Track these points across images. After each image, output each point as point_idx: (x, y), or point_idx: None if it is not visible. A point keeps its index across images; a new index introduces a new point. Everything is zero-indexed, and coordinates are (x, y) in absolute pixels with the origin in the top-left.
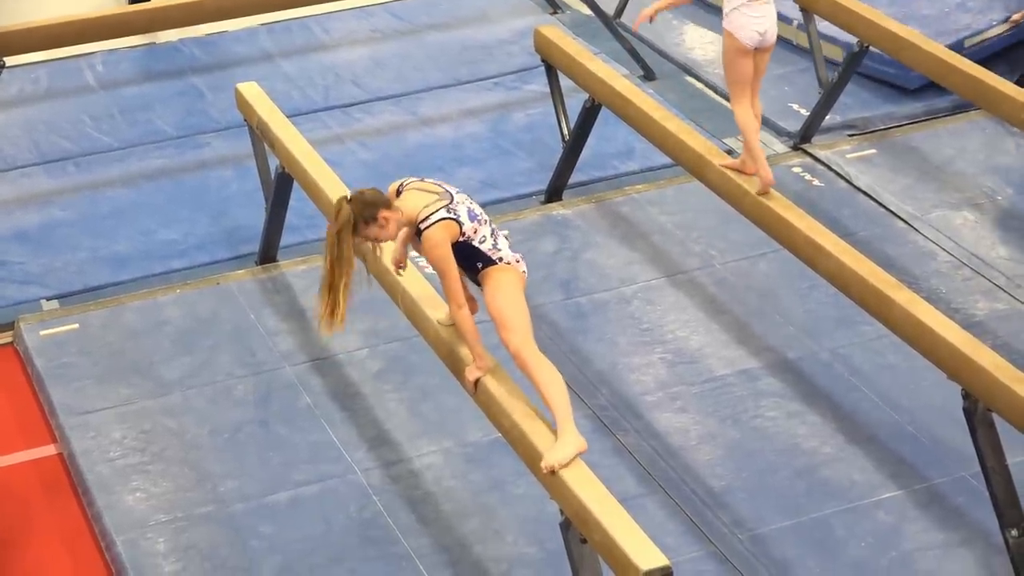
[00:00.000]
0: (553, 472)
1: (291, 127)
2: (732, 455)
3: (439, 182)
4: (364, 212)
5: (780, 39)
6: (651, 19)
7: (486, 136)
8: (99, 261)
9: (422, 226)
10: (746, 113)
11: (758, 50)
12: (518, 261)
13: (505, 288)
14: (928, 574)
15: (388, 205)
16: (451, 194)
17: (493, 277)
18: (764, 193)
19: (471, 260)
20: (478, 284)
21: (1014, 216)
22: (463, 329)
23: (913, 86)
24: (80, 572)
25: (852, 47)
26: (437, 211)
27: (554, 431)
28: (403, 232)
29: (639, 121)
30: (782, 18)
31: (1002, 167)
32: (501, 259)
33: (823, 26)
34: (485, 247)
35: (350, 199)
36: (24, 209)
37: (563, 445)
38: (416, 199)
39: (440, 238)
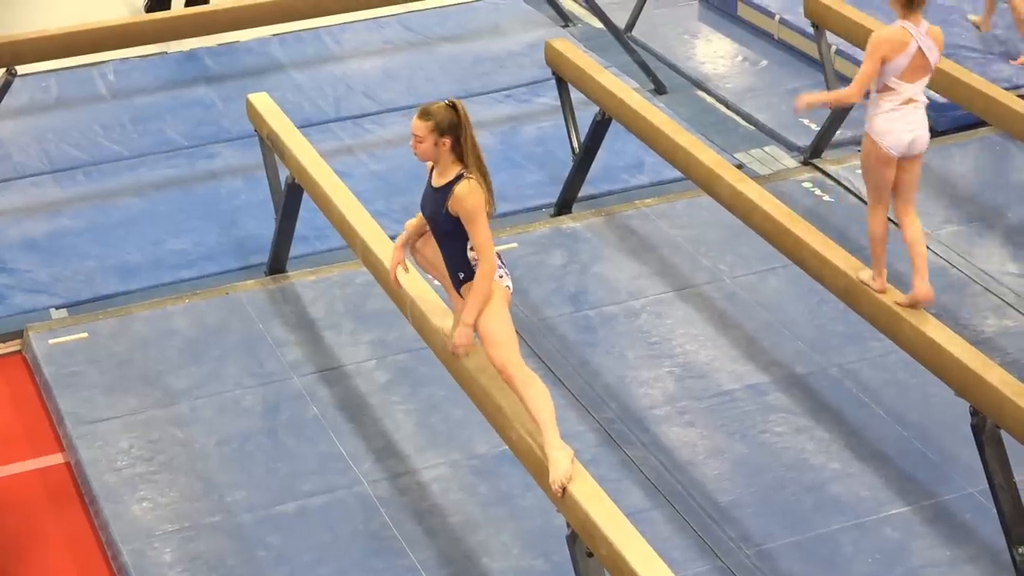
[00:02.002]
0: (564, 490)
1: (302, 138)
2: (739, 470)
3: None
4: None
5: (798, 52)
6: (811, 106)
7: (497, 148)
8: (108, 270)
9: (464, 174)
10: (878, 222)
11: (906, 158)
12: (501, 277)
13: (490, 304)
14: None
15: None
16: None
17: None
18: (914, 306)
19: (458, 268)
20: (460, 295)
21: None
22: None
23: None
24: None
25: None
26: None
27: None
28: (402, 235)
29: (649, 135)
30: (795, 29)
31: (1012, 184)
32: None
33: (834, 40)
34: (473, 256)
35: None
36: (34, 218)
37: (557, 460)
38: None
39: (477, 190)
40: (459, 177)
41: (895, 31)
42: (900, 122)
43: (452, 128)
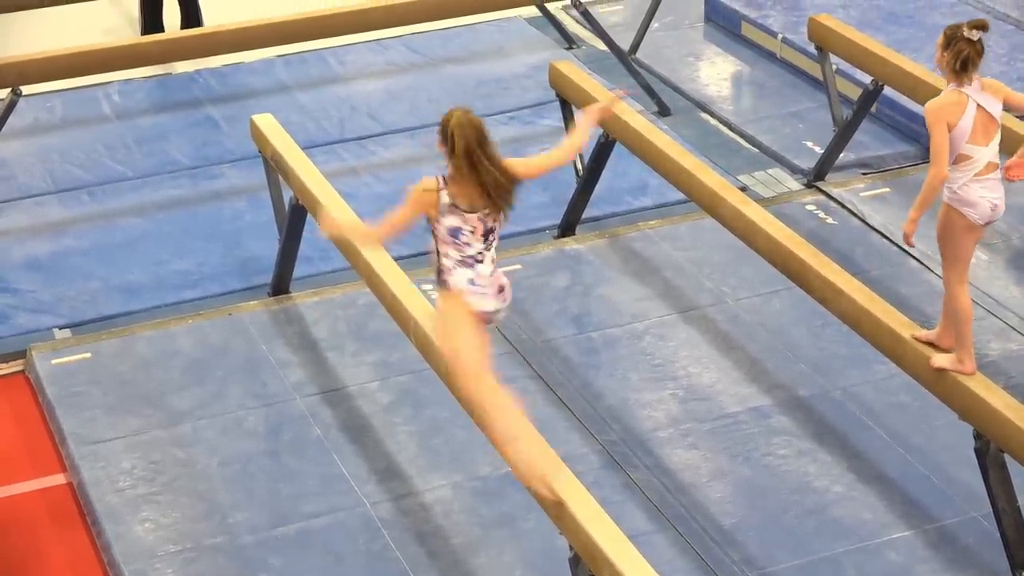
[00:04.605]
0: (551, 492)
1: (305, 159)
2: (743, 493)
3: None
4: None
5: (801, 73)
6: (915, 229)
7: None
8: (112, 290)
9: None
10: (965, 297)
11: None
12: (472, 290)
13: (445, 316)
14: None
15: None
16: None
17: (437, 303)
18: (945, 368)
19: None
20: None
21: None
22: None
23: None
24: None
25: (867, 85)
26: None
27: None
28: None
29: (653, 157)
30: (798, 49)
31: (1016, 207)
32: (446, 283)
33: (839, 63)
34: (446, 261)
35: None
36: (37, 238)
37: (523, 466)
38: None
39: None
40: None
41: (948, 95)
42: (984, 191)
43: (445, 132)
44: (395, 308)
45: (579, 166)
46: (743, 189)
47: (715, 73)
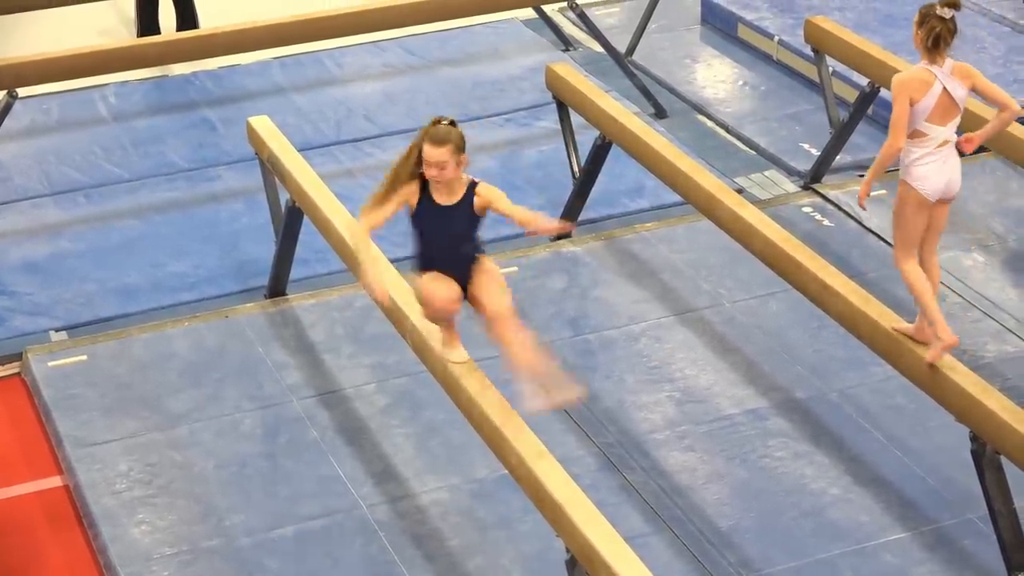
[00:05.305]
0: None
1: (302, 161)
2: (739, 495)
3: None
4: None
5: (798, 75)
6: (869, 191)
7: (497, 172)
8: (108, 293)
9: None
10: (915, 271)
11: (939, 201)
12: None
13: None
14: None
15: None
16: None
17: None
18: (937, 357)
19: (473, 253)
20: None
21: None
22: None
23: None
24: None
25: (863, 88)
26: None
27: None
28: (370, 248)
29: (650, 159)
30: (794, 51)
31: (1012, 209)
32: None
33: (835, 65)
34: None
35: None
36: (34, 240)
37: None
38: None
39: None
40: (472, 184)
41: (917, 71)
42: (935, 166)
43: (464, 142)
44: (392, 310)
45: (575, 168)
46: (739, 191)
47: (712, 75)
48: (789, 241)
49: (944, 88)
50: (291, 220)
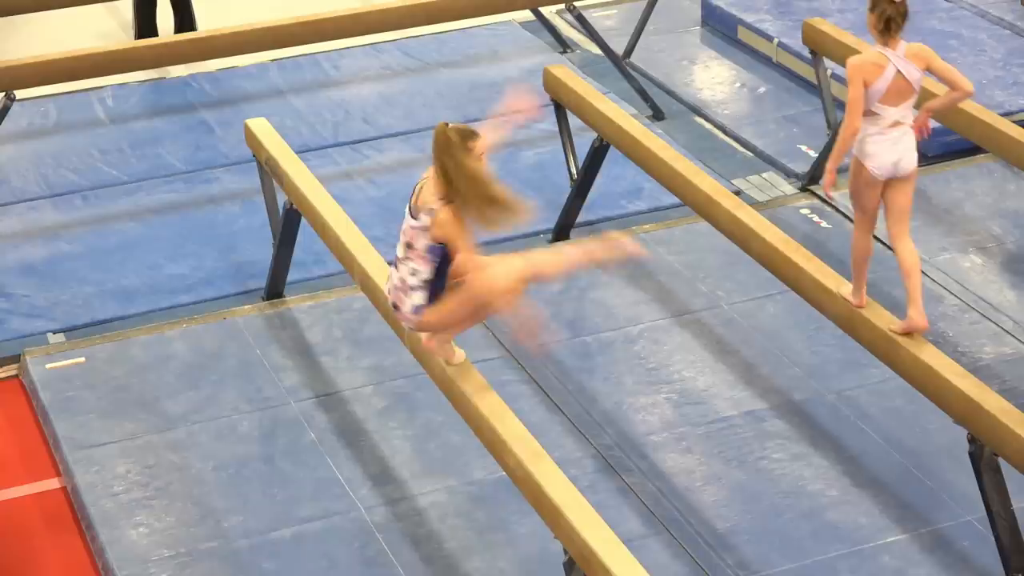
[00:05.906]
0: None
1: (300, 163)
2: (737, 497)
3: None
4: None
5: (797, 78)
6: (835, 177)
7: (495, 174)
8: (106, 295)
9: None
10: (861, 241)
11: (894, 180)
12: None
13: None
14: None
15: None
16: None
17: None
18: (908, 334)
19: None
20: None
21: (1022, 260)
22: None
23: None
24: None
25: None
26: None
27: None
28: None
29: (647, 161)
30: (793, 53)
31: (1010, 211)
32: None
33: (831, 66)
34: None
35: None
36: (31, 242)
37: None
38: None
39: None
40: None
41: (870, 55)
42: (885, 144)
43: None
44: (390, 313)
45: (573, 170)
46: (737, 193)
47: (710, 77)
48: (787, 243)
49: (898, 71)
50: (289, 222)
